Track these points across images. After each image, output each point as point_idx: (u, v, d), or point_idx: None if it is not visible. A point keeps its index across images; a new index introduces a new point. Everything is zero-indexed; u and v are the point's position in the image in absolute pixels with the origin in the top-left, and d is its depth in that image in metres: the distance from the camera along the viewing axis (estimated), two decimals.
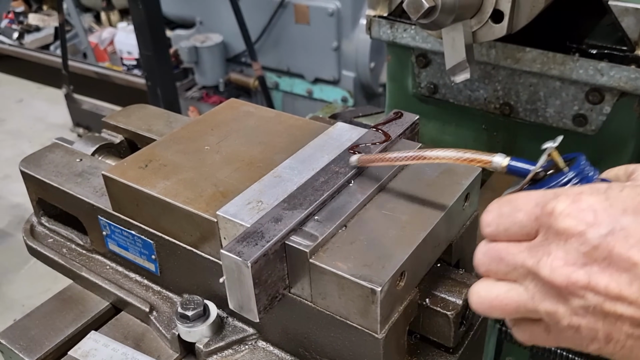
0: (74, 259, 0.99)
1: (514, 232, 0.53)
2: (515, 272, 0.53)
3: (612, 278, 0.46)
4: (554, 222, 0.49)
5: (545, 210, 0.50)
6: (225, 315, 0.84)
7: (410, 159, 0.68)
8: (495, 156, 0.59)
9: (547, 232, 0.50)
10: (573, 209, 0.48)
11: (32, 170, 1.00)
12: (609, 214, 0.47)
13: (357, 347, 0.69)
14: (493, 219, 0.55)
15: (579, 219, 0.48)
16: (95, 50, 4.76)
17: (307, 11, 3.36)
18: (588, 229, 0.47)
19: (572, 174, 0.55)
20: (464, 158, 0.61)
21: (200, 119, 1.00)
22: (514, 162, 0.59)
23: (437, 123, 1.26)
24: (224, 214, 0.73)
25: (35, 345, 0.87)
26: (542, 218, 0.50)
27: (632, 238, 0.46)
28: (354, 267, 0.65)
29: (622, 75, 0.96)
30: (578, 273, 0.47)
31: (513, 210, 0.53)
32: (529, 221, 0.52)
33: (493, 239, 0.55)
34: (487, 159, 0.60)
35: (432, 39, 1.12)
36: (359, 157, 0.76)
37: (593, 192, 0.49)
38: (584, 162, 0.56)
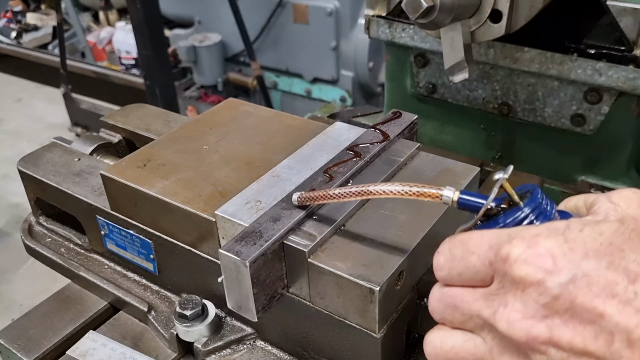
0: (72, 258, 0.99)
1: (468, 278, 0.49)
2: (471, 322, 0.49)
3: (576, 331, 0.42)
4: (509, 269, 0.45)
5: (500, 255, 0.46)
6: (224, 314, 0.84)
7: (355, 195, 0.62)
8: (444, 190, 0.55)
9: (503, 280, 0.46)
10: (529, 254, 0.44)
11: (30, 170, 1.00)
12: (569, 259, 0.43)
13: (356, 347, 0.69)
14: (445, 262, 0.51)
15: (536, 266, 0.43)
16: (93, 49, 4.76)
17: (305, 11, 3.36)
18: (547, 277, 0.43)
19: (528, 209, 0.50)
20: (412, 192, 0.56)
21: (198, 119, 1.00)
22: (464, 195, 0.54)
23: (436, 123, 1.26)
24: (223, 214, 0.73)
25: (33, 345, 0.87)
26: (497, 264, 0.46)
27: (595, 286, 0.42)
28: (352, 266, 0.65)
29: (621, 75, 0.96)
30: (538, 327, 0.43)
31: (465, 253, 0.49)
32: (482, 266, 0.48)
33: (447, 284, 0.51)
34: (435, 192, 0.55)
35: (430, 38, 1.12)
36: (300, 196, 0.69)
37: (550, 234, 0.45)
38: (540, 195, 0.51)
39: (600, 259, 0.43)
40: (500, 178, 0.51)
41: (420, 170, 0.81)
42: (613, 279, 0.42)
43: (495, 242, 0.47)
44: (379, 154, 0.82)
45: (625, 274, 0.42)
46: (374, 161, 0.81)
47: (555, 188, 1.14)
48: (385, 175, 0.79)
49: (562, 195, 1.13)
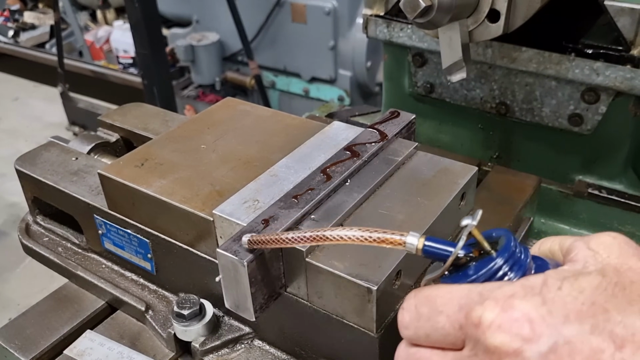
0: (70, 257, 0.98)
1: (437, 339, 0.45)
2: None
3: None
4: (482, 336, 0.40)
5: (471, 319, 0.41)
6: (221, 314, 0.84)
7: (309, 240, 0.56)
8: (407, 236, 0.50)
9: (476, 347, 0.41)
10: (504, 319, 0.40)
11: (27, 169, 1.00)
12: (549, 323, 0.39)
13: (353, 346, 0.69)
14: (411, 321, 0.46)
15: (512, 334, 0.39)
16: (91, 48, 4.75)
17: (304, 10, 3.36)
18: (524, 345, 0.39)
19: (501, 260, 0.46)
20: (372, 239, 0.51)
21: (196, 118, 1.00)
22: (430, 242, 0.49)
23: (434, 122, 1.26)
24: (220, 213, 0.73)
25: (30, 345, 0.87)
26: (468, 328, 0.42)
27: (579, 355, 0.37)
28: (350, 266, 0.65)
29: (618, 75, 0.96)
30: None
31: (432, 312, 0.45)
32: (452, 329, 0.43)
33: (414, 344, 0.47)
34: (398, 239, 0.50)
35: (428, 38, 1.12)
36: (250, 238, 0.63)
37: (527, 294, 0.40)
38: (512, 242, 0.47)
39: (582, 323, 0.39)
40: (468, 225, 0.47)
41: (418, 170, 0.81)
42: (598, 346, 0.38)
43: (465, 301, 0.43)
44: (376, 153, 0.82)
45: (611, 339, 0.38)
46: (371, 161, 0.81)
47: (552, 188, 1.14)
48: (383, 175, 0.79)
49: (560, 195, 1.14)
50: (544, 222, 1.16)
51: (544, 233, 1.15)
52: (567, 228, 1.15)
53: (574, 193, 1.13)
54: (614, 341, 0.38)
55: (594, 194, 1.11)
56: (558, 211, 1.15)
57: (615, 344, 0.38)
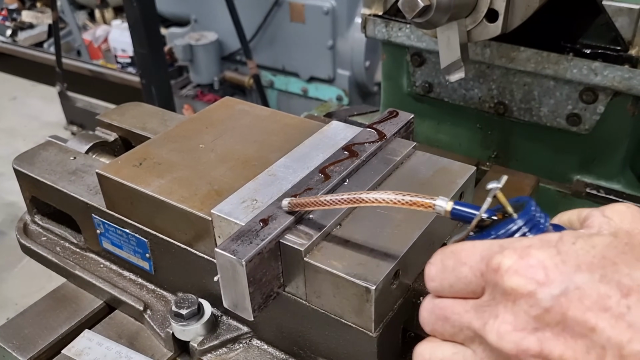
0: (68, 257, 0.98)
1: (460, 289, 0.48)
2: (461, 334, 0.48)
3: (567, 345, 0.41)
4: (500, 280, 0.44)
5: (491, 266, 0.45)
6: (220, 313, 0.84)
7: (346, 202, 0.61)
8: (437, 200, 0.54)
9: (494, 291, 0.45)
10: (521, 265, 0.43)
11: (25, 168, 1.00)
12: (562, 271, 0.42)
13: (352, 346, 0.69)
14: (437, 274, 0.50)
15: (527, 277, 0.43)
16: (89, 47, 4.74)
17: (302, 10, 3.36)
18: (538, 288, 0.42)
19: (522, 221, 0.49)
20: (405, 201, 0.55)
21: (194, 117, 1.00)
22: (458, 206, 0.53)
23: (432, 122, 1.27)
24: (219, 213, 0.73)
25: (28, 344, 0.87)
26: (488, 275, 0.45)
27: (587, 299, 0.41)
28: (348, 265, 0.65)
29: (616, 75, 0.96)
30: (529, 340, 0.42)
31: (457, 264, 0.48)
32: (474, 277, 0.47)
33: (438, 295, 0.51)
34: (429, 202, 0.54)
35: (427, 38, 1.12)
36: (290, 201, 0.69)
37: (543, 246, 0.44)
38: (534, 207, 0.50)
39: (592, 272, 0.42)
40: (493, 188, 0.50)
41: (417, 170, 0.81)
42: (605, 293, 0.41)
43: (486, 252, 0.46)
44: (375, 153, 0.82)
45: (618, 287, 0.41)
46: (370, 160, 0.81)
47: (550, 187, 1.14)
48: (381, 175, 0.79)
49: (558, 195, 1.14)
50: None
51: None
52: None
53: (572, 193, 1.13)
54: (621, 290, 0.41)
55: (592, 194, 1.11)
56: (556, 211, 1.14)
57: (621, 292, 0.41)
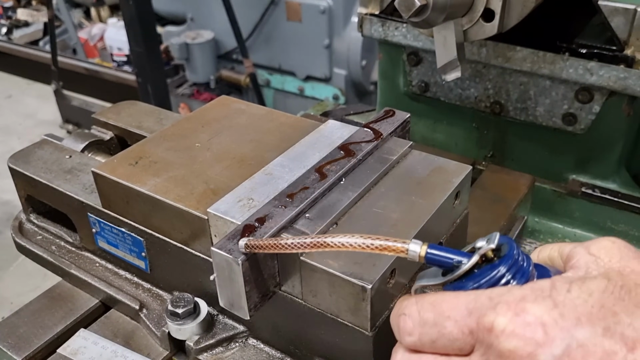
0: (63, 256, 0.98)
1: (442, 345, 0.44)
2: None
3: None
4: (496, 341, 0.40)
5: (483, 324, 0.41)
6: (216, 312, 0.84)
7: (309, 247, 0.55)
8: (410, 244, 0.50)
9: (487, 353, 0.41)
10: (517, 324, 0.40)
11: (20, 167, 0.99)
12: (561, 327, 0.39)
13: (348, 344, 0.69)
14: (414, 327, 0.46)
15: (526, 338, 0.39)
16: (85, 46, 4.73)
17: (299, 8, 3.36)
18: (538, 349, 0.39)
19: (504, 267, 0.46)
20: (375, 246, 0.51)
21: (191, 116, 1.00)
22: (432, 250, 0.49)
23: (428, 121, 1.27)
24: (215, 212, 0.73)
25: (23, 343, 0.87)
26: (479, 333, 0.42)
27: (592, 357, 0.38)
28: (344, 264, 0.65)
29: (612, 75, 0.97)
30: None
31: (439, 317, 0.44)
32: (461, 334, 0.43)
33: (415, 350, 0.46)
34: (400, 247, 0.50)
35: (423, 37, 1.12)
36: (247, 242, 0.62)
37: (537, 298, 0.41)
38: (515, 250, 0.47)
39: (594, 325, 0.39)
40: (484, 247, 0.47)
41: (413, 169, 0.82)
42: (611, 348, 0.38)
43: (474, 306, 0.43)
44: (371, 152, 0.82)
45: (623, 340, 0.38)
46: (366, 159, 0.81)
47: (546, 187, 1.15)
48: (377, 174, 0.79)
49: (553, 194, 1.14)
50: (538, 221, 1.17)
51: (538, 232, 1.15)
52: (560, 227, 1.16)
53: (567, 192, 1.13)
54: (626, 343, 0.38)
55: (588, 193, 1.12)
56: (552, 210, 1.15)
57: (627, 345, 0.38)
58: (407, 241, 0.50)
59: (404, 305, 0.47)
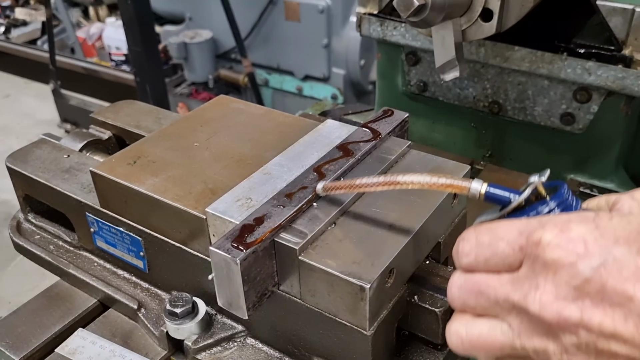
0: (61, 255, 0.98)
1: (495, 263, 0.49)
2: (497, 307, 0.49)
3: (606, 314, 0.43)
4: (542, 252, 0.45)
5: (532, 239, 0.46)
6: (214, 312, 0.84)
7: (382, 185, 0.61)
8: (472, 182, 0.55)
9: (534, 264, 0.46)
10: (562, 239, 0.45)
11: (18, 166, 0.99)
12: (601, 244, 0.44)
13: (346, 344, 0.69)
14: (471, 249, 0.50)
15: (568, 250, 0.44)
16: (83, 45, 4.72)
17: (297, 8, 3.35)
18: (579, 260, 0.44)
19: (554, 203, 0.51)
20: (440, 183, 0.57)
21: (189, 116, 1.00)
22: (492, 189, 0.55)
23: (427, 121, 1.27)
24: (213, 211, 0.73)
25: (21, 343, 0.86)
26: (528, 248, 0.47)
27: (626, 270, 0.43)
28: (343, 264, 0.65)
29: (610, 75, 0.97)
30: (570, 308, 0.44)
31: (494, 239, 0.49)
32: (512, 251, 0.48)
33: (470, 270, 0.51)
34: (464, 185, 0.56)
35: (422, 37, 1.12)
36: (324, 185, 0.70)
37: (582, 221, 0.46)
38: (566, 191, 0.52)
39: (630, 245, 0.43)
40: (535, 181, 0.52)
41: (411, 168, 0.82)
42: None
43: (525, 228, 0.48)
44: (370, 151, 0.82)
45: None
46: (364, 159, 0.81)
47: None
48: (376, 174, 0.79)
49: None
50: None
51: None
52: None
53: None
54: None
55: (586, 193, 1.12)
56: None
57: None
58: (470, 180, 0.56)
59: (463, 233, 0.52)
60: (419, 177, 0.58)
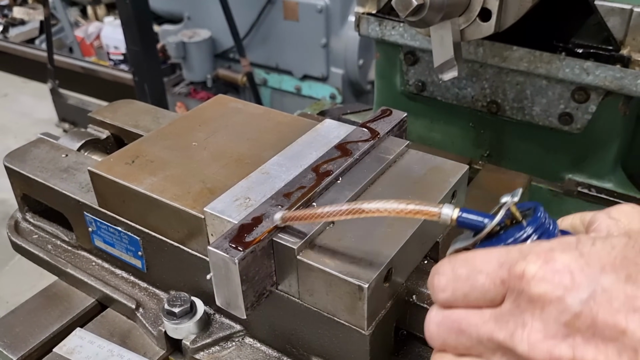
0: (60, 255, 0.98)
1: (475, 298, 0.46)
2: (480, 347, 0.46)
3: (599, 350, 0.40)
4: (526, 287, 0.43)
5: (514, 272, 0.44)
6: (212, 311, 0.84)
7: (345, 214, 0.58)
8: (443, 208, 0.52)
9: (518, 299, 0.44)
10: (547, 271, 0.42)
11: (16, 166, 0.99)
12: (587, 274, 0.42)
13: (344, 344, 0.69)
14: (448, 283, 0.48)
15: (555, 283, 0.42)
16: (81, 44, 4.72)
17: (296, 8, 3.35)
18: (566, 293, 0.41)
19: (531, 228, 0.49)
20: (408, 210, 0.53)
21: (187, 115, 1.00)
22: (465, 214, 0.52)
23: (425, 120, 1.27)
24: (212, 211, 0.73)
25: (19, 342, 0.86)
26: (511, 282, 0.44)
27: (615, 301, 0.40)
28: (341, 264, 0.65)
29: (608, 75, 0.97)
30: (561, 347, 0.41)
31: (472, 272, 0.47)
32: (493, 285, 0.45)
33: (448, 306, 0.48)
34: (433, 211, 0.52)
35: (420, 36, 1.13)
36: (283, 215, 0.66)
37: (565, 249, 0.43)
38: (542, 214, 0.50)
39: (617, 273, 0.41)
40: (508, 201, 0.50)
41: (410, 168, 0.82)
42: (633, 293, 0.41)
43: (505, 259, 0.45)
44: (368, 151, 0.82)
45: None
46: (363, 159, 0.81)
47: (542, 186, 1.15)
48: (374, 173, 0.79)
49: (549, 193, 1.15)
50: None
51: None
52: None
53: (563, 191, 1.13)
54: None
55: (584, 193, 1.12)
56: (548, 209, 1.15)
57: None
58: (440, 205, 0.53)
59: (438, 265, 0.50)
60: (386, 205, 0.55)
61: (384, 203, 0.55)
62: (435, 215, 0.53)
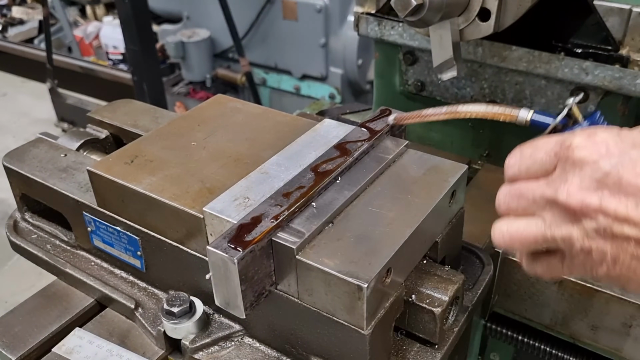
0: (58, 255, 0.98)
1: (534, 170, 0.59)
2: (534, 206, 0.58)
3: (621, 202, 0.52)
4: (571, 153, 0.55)
5: (564, 144, 0.56)
6: (212, 311, 0.84)
7: (445, 114, 0.75)
8: (520, 111, 0.69)
9: (565, 164, 0.56)
10: (588, 142, 0.54)
11: (15, 166, 0.99)
12: (620, 147, 0.53)
13: (343, 343, 0.69)
14: (515, 161, 0.61)
15: (592, 150, 0.54)
16: (80, 44, 4.71)
17: (295, 7, 3.35)
18: (601, 158, 0.53)
19: (587, 123, 0.62)
20: (495, 112, 0.72)
21: (186, 115, 1.00)
22: (537, 115, 0.69)
23: None
24: (211, 210, 0.73)
25: (18, 342, 0.86)
26: (561, 152, 0.56)
27: (639, 167, 0.51)
28: (340, 263, 0.65)
29: (607, 75, 0.97)
30: (591, 196, 0.53)
31: (534, 150, 0.59)
32: (548, 157, 0.58)
33: (514, 180, 0.61)
34: (513, 113, 0.70)
35: (419, 36, 1.13)
36: (395, 116, 0.84)
37: (606, 130, 0.56)
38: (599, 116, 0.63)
39: None
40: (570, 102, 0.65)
41: (408, 168, 0.82)
42: None
43: (560, 139, 0.57)
44: (367, 151, 0.83)
45: None
46: (362, 158, 0.82)
47: None
48: (373, 173, 0.79)
49: None
50: None
51: None
52: None
53: None
54: None
55: None
56: None
57: None
58: (518, 108, 0.70)
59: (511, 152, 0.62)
60: (476, 107, 0.72)
61: (475, 106, 0.73)
62: (514, 116, 0.71)
